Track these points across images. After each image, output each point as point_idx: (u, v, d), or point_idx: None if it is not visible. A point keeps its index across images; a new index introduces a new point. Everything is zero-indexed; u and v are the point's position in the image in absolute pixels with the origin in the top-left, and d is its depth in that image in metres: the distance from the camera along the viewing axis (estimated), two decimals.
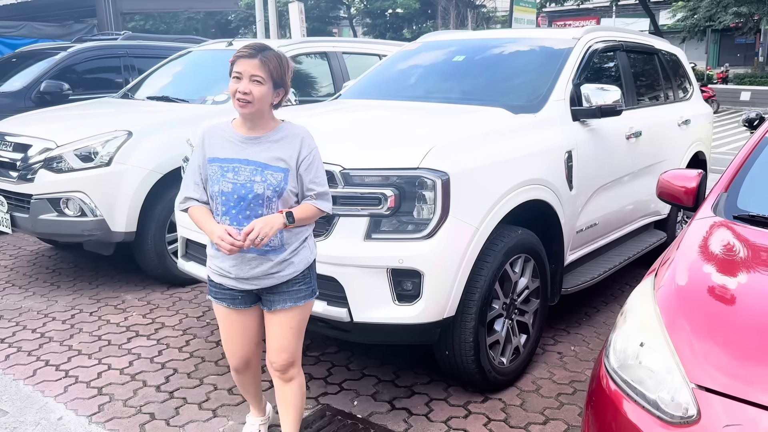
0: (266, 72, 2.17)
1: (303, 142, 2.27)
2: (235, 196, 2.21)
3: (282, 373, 2.45)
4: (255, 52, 2.18)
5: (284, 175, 2.22)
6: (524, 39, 4.44)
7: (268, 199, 2.21)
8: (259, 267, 2.27)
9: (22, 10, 18.02)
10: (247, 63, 2.16)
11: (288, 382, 2.47)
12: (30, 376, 3.42)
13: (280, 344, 2.39)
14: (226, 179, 2.22)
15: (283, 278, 2.30)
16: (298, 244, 2.31)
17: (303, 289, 2.36)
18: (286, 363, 2.42)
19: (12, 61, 7.93)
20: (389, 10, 37.63)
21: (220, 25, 39.50)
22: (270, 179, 2.21)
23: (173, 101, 5.40)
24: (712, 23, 25.32)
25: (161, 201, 4.55)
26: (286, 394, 2.49)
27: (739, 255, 2.23)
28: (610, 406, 1.84)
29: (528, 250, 3.28)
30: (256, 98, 2.17)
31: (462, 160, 2.93)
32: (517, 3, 15.06)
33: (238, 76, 2.18)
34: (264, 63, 2.17)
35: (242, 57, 2.18)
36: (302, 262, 2.33)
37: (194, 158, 2.32)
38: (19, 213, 4.58)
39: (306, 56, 5.94)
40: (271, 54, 2.20)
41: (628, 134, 4.26)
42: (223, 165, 2.23)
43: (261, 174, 2.21)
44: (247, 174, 2.21)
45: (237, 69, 2.18)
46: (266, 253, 2.26)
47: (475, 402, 3.16)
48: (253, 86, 2.16)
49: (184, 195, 2.34)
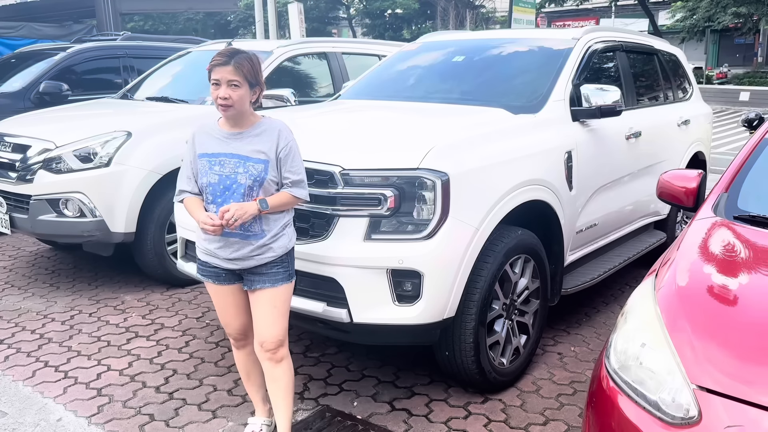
0: (241, 76, 2.36)
1: (280, 134, 2.46)
2: (221, 186, 2.43)
3: (272, 353, 2.58)
4: (228, 59, 2.36)
5: (264, 165, 2.42)
6: (524, 39, 4.44)
7: (249, 188, 2.42)
8: (241, 249, 2.47)
9: (21, 11, 18.04)
10: (223, 70, 2.36)
11: (278, 363, 2.60)
12: (29, 377, 3.42)
13: (267, 322, 2.55)
14: (213, 172, 2.44)
15: (262, 260, 2.49)
16: (278, 230, 2.50)
17: (281, 272, 2.54)
18: (274, 341, 2.56)
19: (11, 61, 7.93)
20: (388, 11, 37.64)
21: (219, 26, 39.50)
22: (251, 170, 2.41)
23: (172, 102, 5.40)
24: (711, 23, 25.33)
25: (160, 202, 4.54)
26: (277, 374, 2.61)
27: (740, 255, 2.23)
28: (610, 407, 1.83)
29: (528, 251, 3.28)
30: (235, 101, 2.38)
31: (462, 161, 2.93)
32: (517, 3, 15.06)
33: (216, 83, 2.38)
34: (237, 68, 2.36)
35: (217, 65, 2.37)
36: (281, 247, 2.52)
37: (186, 155, 2.55)
38: (19, 214, 4.58)
39: (305, 57, 5.94)
40: (243, 58, 2.39)
41: (628, 134, 4.26)
42: (211, 159, 2.45)
43: (243, 165, 2.42)
44: (232, 166, 2.43)
45: (214, 77, 2.38)
46: (248, 237, 2.46)
47: (475, 403, 3.16)
48: (231, 91, 2.36)
49: (178, 188, 2.57)
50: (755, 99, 21.28)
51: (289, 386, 2.64)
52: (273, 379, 2.63)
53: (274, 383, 2.63)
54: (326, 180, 2.86)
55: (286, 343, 2.62)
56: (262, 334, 2.56)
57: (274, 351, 2.58)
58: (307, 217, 2.93)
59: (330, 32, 39.87)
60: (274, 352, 2.58)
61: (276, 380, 2.63)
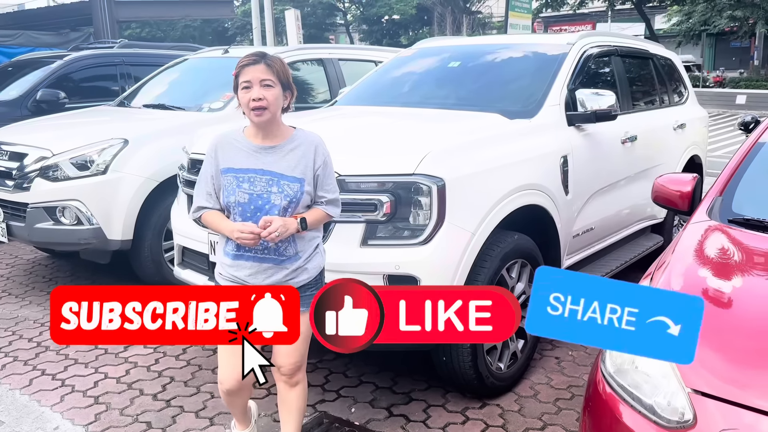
0: (274, 74, 2.18)
1: (317, 150, 2.27)
2: (252, 206, 2.20)
3: (289, 378, 2.44)
4: (259, 58, 2.19)
5: (300, 185, 2.22)
6: (519, 45, 4.46)
7: (284, 210, 2.21)
8: (274, 275, 2.26)
9: (18, 19, 18.07)
10: (254, 69, 2.17)
11: (293, 387, 2.47)
12: (26, 386, 3.41)
13: (290, 349, 2.35)
14: (242, 189, 2.20)
15: (297, 284, 2.27)
16: (311, 250, 2.33)
17: (314, 294, 2.32)
18: (294, 367, 2.42)
19: (8, 69, 7.94)
20: (385, 17, 37.76)
21: (217, 33, 39.59)
22: (287, 189, 2.21)
23: (169, 109, 5.40)
24: (707, 27, 25.45)
25: (157, 209, 4.54)
26: (290, 398, 2.48)
27: (734, 259, 2.23)
28: (606, 411, 1.84)
29: (524, 255, 3.28)
30: (270, 102, 2.17)
31: (457, 166, 2.94)
32: (513, 9, 15.12)
33: (247, 85, 2.17)
34: (270, 66, 2.18)
35: (247, 65, 2.18)
36: (315, 268, 2.35)
37: (206, 168, 2.30)
38: (16, 222, 4.58)
39: (302, 63, 5.95)
40: (274, 57, 2.22)
41: (624, 139, 4.27)
42: (238, 175, 2.22)
43: (277, 184, 2.20)
44: (263, 184, 2.20)
45: (245, 78, 2.18)
46: (282, 262, 2.26)
47: (473, 408, 3.16)
48: (265, 91, 2.16)
49: (197, 205, 2.32)
50: (752, 102, 21.33)
51: (300, 409, 2.50)
52: (286, 400, 2.50)
53: (286, 404, 2.50)
54: None
55: (304, 367, 2.48)
56: (281, 359, 2.39)
57: (290, 376, 2.44)
58: None
59: (327, 38, 39.95)
60: (290, 376, 2.44)
61: (289, 402, 2.49)
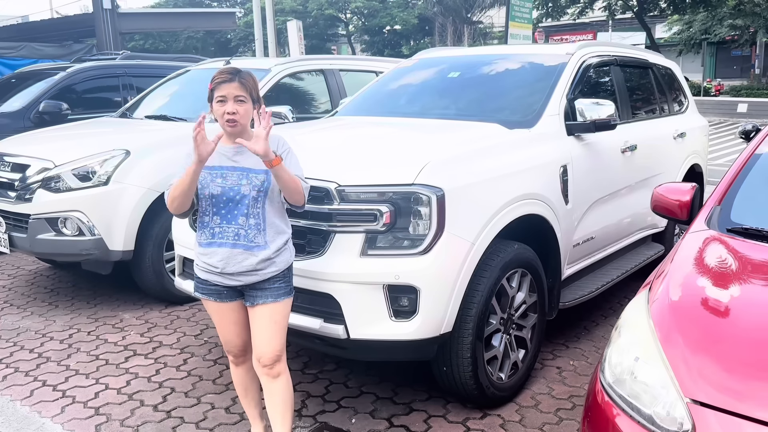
0: (246, 91, 2.45)
1: (279, 141, 2.54)
2: (225, 198, 2.49)
3: (270, 368, 2.59)
4: (233, 75, 2.44)
5: (266, 175, 2.48)
6: (519, 55, 4.47)
7: (254, 199, 2.48)
8: (245, 261, 2.49)
9: (22, 31, 18.20)
10: (229, 86, 2.43)
11: (276, 378, 2.61)
12: (27, 397, 3.41)
13: (265, 337, 2.56)
14: (216, 184, 2.49)
15: (265, 275, 2.52)
16: (281, 244, 2.55)
17: (282, 287, 2.58)
18: (273, 356, 2.57)
19: (11, 81, 7.99)
20: (387, 27, 37.92)
21: (219, 44, 39.81)
22: (254, 180, 2.48)
23: (171, 120, 5.42)
24: (708, 36, 25.51)
25: (159, 220, 4.55)
26: (274, 390, 2.62)
27: (733, 268, 2.23)
28: (605, 422, 1.83)
29: (525, 265, 3.28)
30: (242, 116, 2.45)
31: (457, 176, 2.94)
32: (513, 19, 15.12)
33: (222, 99, 2.44)
34: (243, 84, 2.45)
35: (223, 82, 2.44)
36: (283, 262, 2.58)
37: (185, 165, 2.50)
38: (18, 233, 4.59)
39: (304, 73, 5.98)
40: (246, 74, 2.49)
41: (624, 148, 4.28)
42: (212, 171, 2.50)
43: (246, 177, 2.48)
44: (235, 178, 2.49)
45: (220, 93, 2.44)
46: (251, 249, 2.49)
47: (473, 418, 3.15)
48: (238, 106, 2.44)
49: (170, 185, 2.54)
50: (753, 110, 21.37)
51: (286, 402, 2.63)
52: (270, 393, 2.63)
53: (272, 398, 2.63)
54: (322, 196, 2.87)
55: (283, 359, 2.63)
56: (260, 348, 2.57)
57: (271, 366, 2.58)
58: (303, 234, 2.94)
59: (329, 49, 40.14)
60: (270, 367, 2.58)
61: (273, 395, 2.62)
